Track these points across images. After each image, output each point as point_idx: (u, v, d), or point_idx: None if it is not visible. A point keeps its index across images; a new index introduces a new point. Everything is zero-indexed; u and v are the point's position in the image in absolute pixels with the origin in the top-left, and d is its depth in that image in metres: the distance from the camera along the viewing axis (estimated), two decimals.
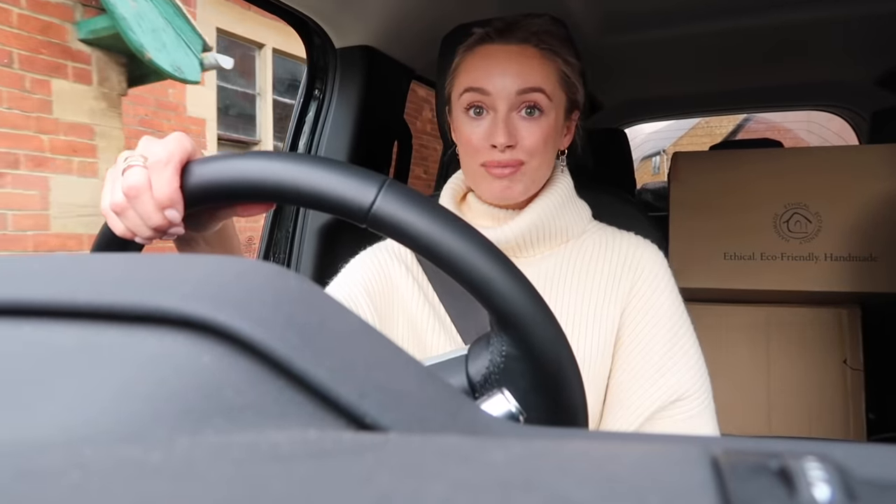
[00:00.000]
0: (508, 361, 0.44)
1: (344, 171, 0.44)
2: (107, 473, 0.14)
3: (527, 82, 0.76)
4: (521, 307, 0.42)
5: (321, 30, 1.27)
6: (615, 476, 0.14)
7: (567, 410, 0.44)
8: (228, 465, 0.14)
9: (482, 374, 0.45)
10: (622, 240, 0.83)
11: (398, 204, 0.42)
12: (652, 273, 0.79)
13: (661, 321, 0.76)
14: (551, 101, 0.77)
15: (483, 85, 0.77)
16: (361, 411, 0.19)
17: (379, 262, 0.86)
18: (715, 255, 1.61)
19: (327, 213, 0.44)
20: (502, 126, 0.76)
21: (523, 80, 0.76)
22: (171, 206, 0.47)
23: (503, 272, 0.42)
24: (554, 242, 0.82)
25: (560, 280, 0.80)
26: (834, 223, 1.56)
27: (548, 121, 0.77)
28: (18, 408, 0.17)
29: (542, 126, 0.77)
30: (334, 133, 1.32)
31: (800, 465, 0.14)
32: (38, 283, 0.22)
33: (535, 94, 0.76)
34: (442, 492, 0.13)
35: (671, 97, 2.26)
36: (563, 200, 0.82)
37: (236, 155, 0.47)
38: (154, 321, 0.20)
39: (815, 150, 1.80)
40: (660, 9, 1.36)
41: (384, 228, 0.43)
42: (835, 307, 1.64)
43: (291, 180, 0.44)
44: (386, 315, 0.82)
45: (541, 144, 0.77)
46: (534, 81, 0.76)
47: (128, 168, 0.49)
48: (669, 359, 0.74)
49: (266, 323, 0.20)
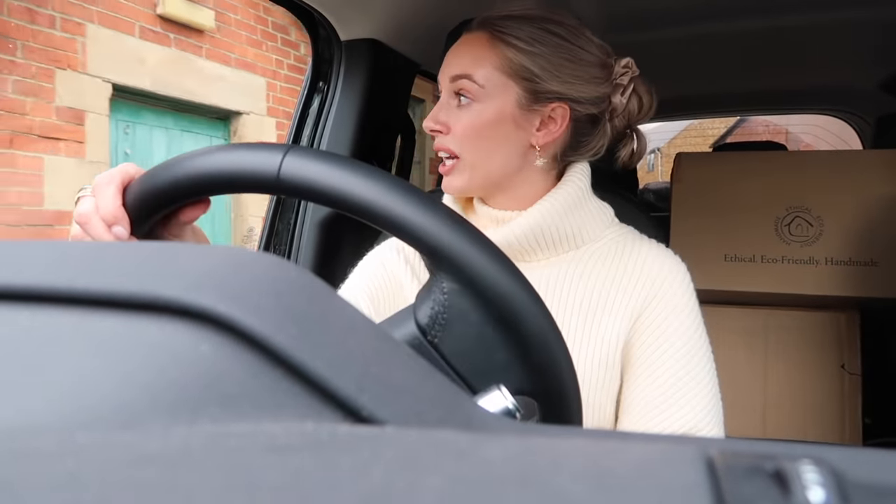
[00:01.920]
0: (452, 297, 0.43)
1: (248, 148, 0.46)
2: (102, 460, 0.14)
3: (456, 68, 0.76)
4: (446, 238, 0.42)
5: (327, 22, 1.27)
6: (610, 473, 0.14)
7: (534, 339, 0.42)
8: (224, 455, 0.14)
9: (429, 316, 0.44)
10: (643, 248, 0.78)
11: (303, 162, 0.44)
12: (671, 290, 0.74)
13: (675, 346, 0.71)
14: (483, 89, 0.74)
15: (438, 71, 0.79)
16: (359, 404, 0.19)
17: (382, 263, 0.84)
18: (715, 256, 1.61)
19: (245, 191, 0.46)
20: (434, 110, 0.77)
21: (454, 66, 0.76)
22: (116, 223, 0.50)
23: (419, 207, 0.42)
24: (561, 248, 0.77)
25: (564, 288, 0.76)
26: (835, 227, 1.56)
27: (480, 109, 0.74)
28: (15, 392, 0.17)
29: (470, 114, 0.75)
30: (337, 125, 1.31)
31: (795, 468, 0.14)
32: (37, 269, 0.22)
33: (462, 81, 0.75)
34: (437, 486, 0.13)
35: (675, 97, 2.25)
36: (572, 202, 0.77)
37: (162, 164, 0.49)
38: (153, 309, 0.20)
39: (818, 154, 1.79)
40: (664, 9, 1.35)
41: (297, 190, 0.44)
42: (834, 311, 1.64)
43: (206, 172, 0.46)
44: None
45: (470, 133, 0.74)
46: (461, 68, 0.75)
47: (79, 200, 0.53)
48: (679, 389, 0.70)
49: (265, 314, 0.20)
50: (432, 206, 0.42)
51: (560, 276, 0.77)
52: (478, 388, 0.43)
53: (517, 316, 0.42)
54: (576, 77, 0.76)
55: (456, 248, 0.42)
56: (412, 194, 0.43)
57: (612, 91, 0.79)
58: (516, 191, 0.79)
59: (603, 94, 0.78)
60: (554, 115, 0.76)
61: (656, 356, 0.71)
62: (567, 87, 0.75)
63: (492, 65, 0.74)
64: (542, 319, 0.43)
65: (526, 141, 0.76)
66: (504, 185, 0.78)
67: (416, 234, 0.42)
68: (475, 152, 0.75)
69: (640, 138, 0.84)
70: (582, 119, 0.78)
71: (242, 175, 0.45)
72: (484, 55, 0.75)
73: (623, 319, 0.74)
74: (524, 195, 0.79)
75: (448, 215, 0.42)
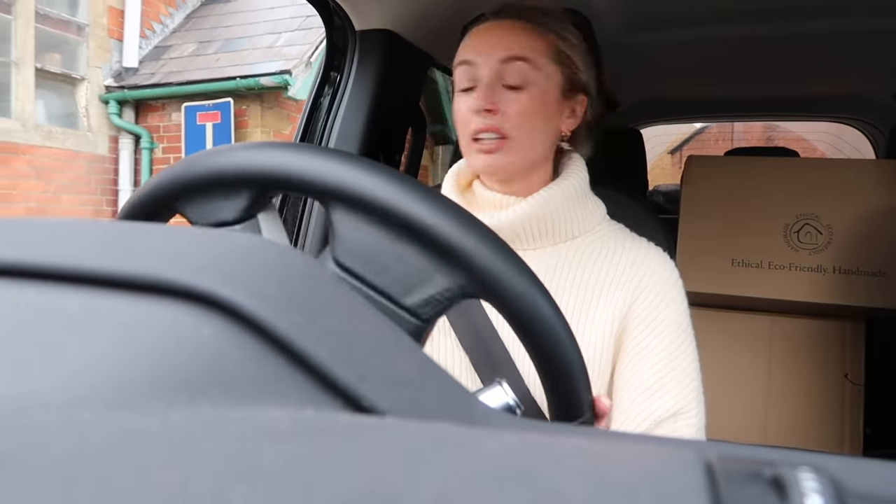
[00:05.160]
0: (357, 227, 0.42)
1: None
2: (103, 438, 0.14)
3: (510, 50, 0.76)
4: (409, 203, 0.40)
5: (342, 11, 1.26)
6: (608, 473, 0.14)
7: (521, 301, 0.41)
8: (224, 439, 0.15)
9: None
10: (633, 244, 0.81)
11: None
12: (660, 283, 0.77)
13: (665, 332, 0.75)
14: (539, 72, 0.76)
15: (470, 56, 0.78)
16: (359, 394, 0.19)
17: None
18: (723, 260, 1.61)
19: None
20: (484, 91, 0.76)
21: (506, 48, 0.76)
22: None
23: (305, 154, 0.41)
24: (558, 237, 0.80)
25: (560, 276, 0.78)
26: (845, 236, 1.55)
27: (534, 93, 0.76)
28: (20, 368, 0.17)
29: (524, 96, 0.76)
30: (349, 116, 1.31)
31: (794, 475, 0.14)
32: (45, 247, 0.22)
33: (518, 63, 0.76)
34: (434, 478, 0.13)
35: (688, 100, 2.24)
36: (573, 194, 0.80)
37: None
38: (158, 291, 0.20)
39: (830, 162, 1.78)
40: (681, 11, 1.35)
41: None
42: (839, 320, 1.63)
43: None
44: None
45: (525, 116, 0.76)
46: (518, 50, 0.76)
47: None
48: (669, 373, 0.73)
49: (269, 300, 0.20)
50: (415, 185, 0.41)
51: (556, 263, 0.79)
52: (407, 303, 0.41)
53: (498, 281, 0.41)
54: (595, 73, 0.82)
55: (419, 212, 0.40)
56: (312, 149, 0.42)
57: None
58: (531, 177, 0.81)
59: (602, 92, 0.85)
60: (579, 105, 0.81)
61: (647, 341, 0.75)
62: (590, 80, 0.81)
63: (544, 50, 0.77)
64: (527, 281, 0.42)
65: (558, 127, 0.81)
66: (531, 169, 0.80)
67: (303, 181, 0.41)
68: (525, 133, 0.77)
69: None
70: (590, 114, 0.84)
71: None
72: (536, 40, 0.77)
73: (616, 309, 0.76)
74: (531, 183, 0.81)
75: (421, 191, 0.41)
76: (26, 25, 4.61)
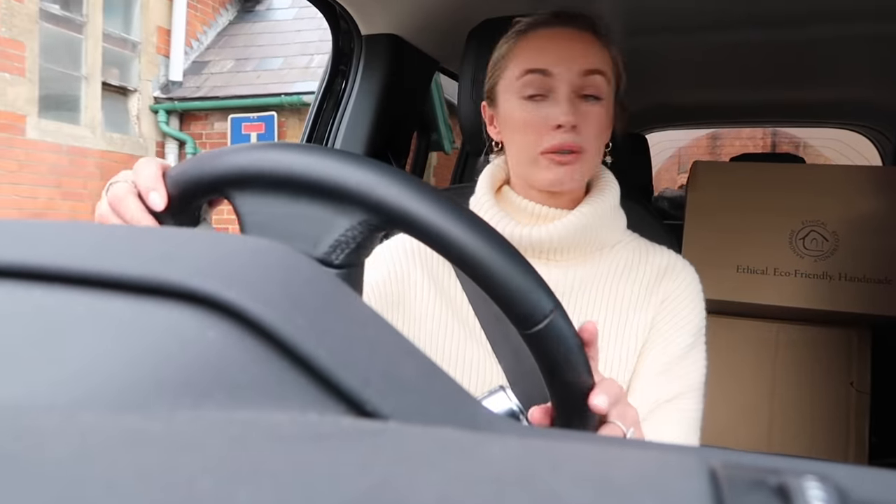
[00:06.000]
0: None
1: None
2: (106, 440, 0.14)
3: (591, 64, 0.73)
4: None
5: (348, 15, 1.27)
6: (611, 479, 0.14)
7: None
8: (227, 442, 0.15)
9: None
10: (658, 252, 0.82)
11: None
12: (684, 285, 0.79)
13: (685, 328, 0.77)
14: (610, 87, 0.75)
15: (545, 66, 0.73)
16: (363, 398, 0.19)
17: (392, 262, 0.82)
18: (728, 267, 1.60)
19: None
20: (567, 105, 0.72)
21: (588, 61, 0.73)
22: (153, 190, 0.49)
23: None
24: (589, 249, 0.78)
25: (592, 288, 0.78)
26: (851, 243, 1.54)
27: (606, 107, 0.75)
28: (24, 369, 0.17)
29: (600, 110, 0.75)
30: (354, 120, 1.32)
31: (798, 484, 0.14)
32: (51, 249, 0.22)
33: (598, 77, 0.74)
34: (437, 482, 0.13)
35: (695, 106, 2.24)
36: (613, 207, 0.79)
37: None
38: (163, 294, 0.20)
39: (836, 169, 1.77)
40: (686, 16, 1.34)
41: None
42: (845, 328, 1.62)
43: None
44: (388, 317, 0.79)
45: (600, 131, 0.75)
46: (597, 63, 0.74)
47: (110, 186, 0.53)
48: (683, 359, 0.76)
49: (273, 303, 0.20)
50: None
51: (591, 276, 0.79)
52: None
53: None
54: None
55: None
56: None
57: None
58: (577, 190, 0.80)
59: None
60: (617, 118, 0.80)
61: (670, 331, 0.77)
62: (622, 90, 0.80)
63: (611, 63, 0.76)
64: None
65: (607, 139, 0.80)
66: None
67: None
68: (597, 147, 0.76)
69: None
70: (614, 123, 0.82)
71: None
72: (605, 52, 0.76)
73: (645, 315, 0.78)
74: (574, 195, 0.79)
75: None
76: (95, 45, 5.38)
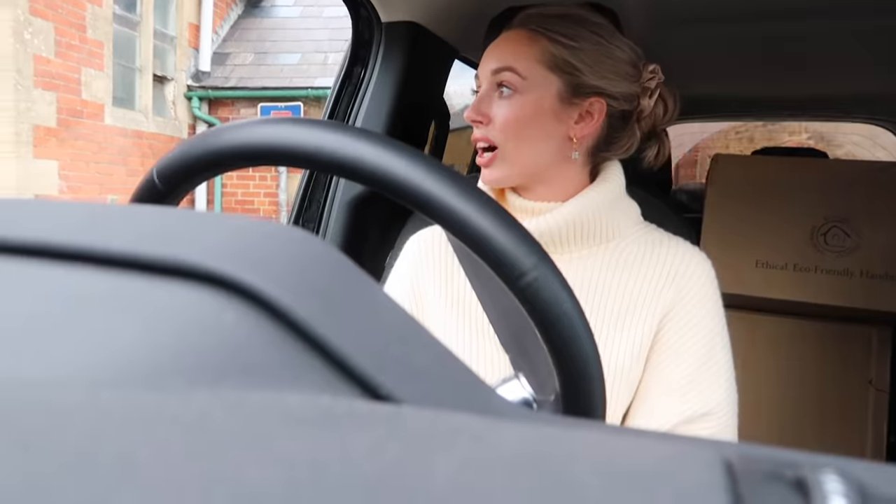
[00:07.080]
0: None
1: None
2: (123, 418, 0.14)
3: (498, 61, 0.77)
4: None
5: (368, 2, 1.26)
6: (626, 467, 0.14)
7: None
8: (242, 422, 0.15)
9: None
10: (671, 246, 0.80)
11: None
12: (699, 284, 0.78)
13: (700, 334, 0.75)
14: (525, 81, 0.76)
15: (478, 70, 0.81)
16: (377, 382, 0.19)
17: (413, 260, 0.87)
18: (747, 261, 1.59)
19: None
20: (476, 101, 0.78)
21: (496, 59, 0.78)
22: None
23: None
24: (593, 241, 0.79)
25: (599, 281, 0.78)
26: (874, 240, 1.52)
27: (522, 101, 0.76)
28: (44, 346, 0.18)
29: (512, 105, 0.76)
30: (373, 107, 1.32)
31: (817, 477, 0.13)
32: (74, 229, 0.22)
33: (504, 73, 0.77)
34: (449, 467, 0.13)
35: (716, 98, 2.21)
36: (612, 198, 0.80)
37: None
38: (181, 274, 0.20)
39: (860, 164, 1.75)
40: (706, 8, 1.32)
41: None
42: (866, 325, 1.60)
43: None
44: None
45: (511, 124, 0.76)
46: (504, 60, 0.77)
47: None
48: (701, 374, 0.73)
49: (290, 286, 0.20)
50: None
51: (595, 269, 0.79)
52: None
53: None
54: (613, 73, 0.79)
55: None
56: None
57: (641, 93, 0.81)
58: (552, 183, 0.80)
59: (634, 93, 0.81)
60: (592, 109, 0.79)
61: (682, 342, 0.74)
62: (605, 82, 0.78)
63: (534, 58, 0.77)
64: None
65: (564, 133, 0.79)
66: (541, 176, 0.80)
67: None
68: (515, 143, 0.77)
69: (665, 140, 0.87)
70: (616, 115, 0.81)
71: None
72: (526, 49, 0.77)
73: (654, 314, 0.76)
74: (560, 188, 0.80)
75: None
76: (147, 41, 6.57)
